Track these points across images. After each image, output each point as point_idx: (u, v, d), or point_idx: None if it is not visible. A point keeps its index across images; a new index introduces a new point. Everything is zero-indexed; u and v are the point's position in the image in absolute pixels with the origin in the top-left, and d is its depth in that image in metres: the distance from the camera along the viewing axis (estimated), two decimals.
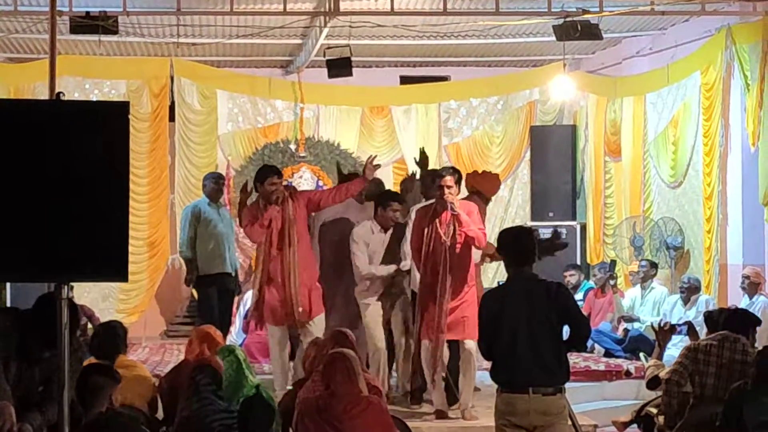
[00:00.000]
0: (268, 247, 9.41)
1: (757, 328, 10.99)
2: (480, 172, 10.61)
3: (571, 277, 13.99)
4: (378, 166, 9.74)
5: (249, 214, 9.53)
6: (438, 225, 8.82)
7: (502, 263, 7.00)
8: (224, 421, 6.08)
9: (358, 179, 9.84)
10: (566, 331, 6.41)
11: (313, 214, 9.87)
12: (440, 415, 8.96)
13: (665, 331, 8.02)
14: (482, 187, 9.87)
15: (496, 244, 7.19)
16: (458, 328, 8.81)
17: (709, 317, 8.02)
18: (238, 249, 12.25)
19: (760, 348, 7.31)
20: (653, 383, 7.85)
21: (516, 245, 6.53)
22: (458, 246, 8.80)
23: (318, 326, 9.41)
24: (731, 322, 7.59)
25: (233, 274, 11.86)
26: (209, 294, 11.62)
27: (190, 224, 11.63)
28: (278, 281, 9.39)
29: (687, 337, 8.58)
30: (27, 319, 5.69)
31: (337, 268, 9.90)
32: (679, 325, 8.41)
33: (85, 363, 6.38)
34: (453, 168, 9.63)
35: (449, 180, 8.79)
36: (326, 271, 9.92)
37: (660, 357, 8.03)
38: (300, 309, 9.30)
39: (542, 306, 6.28)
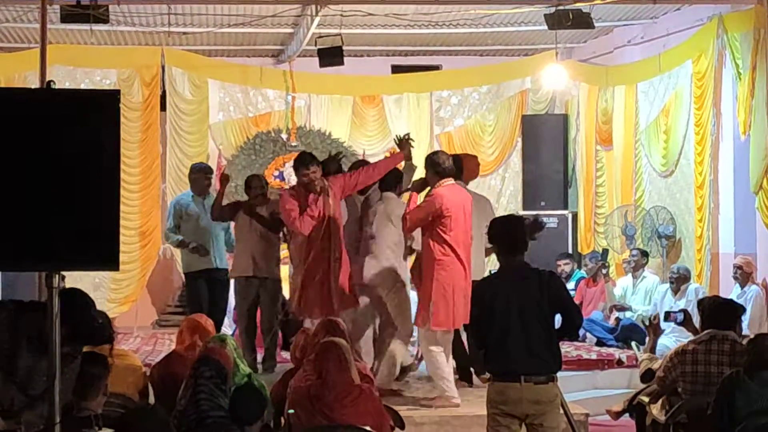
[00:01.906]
0: (315, 239, 8.97)
1: (748, 316, 11.10)
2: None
3: (566, 266, 13.99)
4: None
5: (292, 202, 8.95)
6: None
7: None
8: (220, 419, 5.99)
9: (394, 155, 9.57)
10: (558, 319, 6.42)
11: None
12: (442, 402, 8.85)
13: (656, 325, 8.06)
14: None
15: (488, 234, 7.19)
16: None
17: (699, 305, 8.02)
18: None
19: (751, 336, 7.30)
20: (647, 376, 7.86)
21: (508, 234, 6.54)
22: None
23: (349, 317, 9.12)
24: (717, 316, 7.46)
25: (223, 267, 11.69)
26: (197, 287, 11.49)
27: (173, 217, 11.59)
28: (320, 274, 9.02)
29: (681, 326, 8.57)
30: (38, 311, 5.41)
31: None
32: (674, 313, 8.39)
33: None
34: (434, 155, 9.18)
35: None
36: None
37: (652, 350, 8.04)
38: (338, 301, 9.01)
39: (534, 295, 6.29)
